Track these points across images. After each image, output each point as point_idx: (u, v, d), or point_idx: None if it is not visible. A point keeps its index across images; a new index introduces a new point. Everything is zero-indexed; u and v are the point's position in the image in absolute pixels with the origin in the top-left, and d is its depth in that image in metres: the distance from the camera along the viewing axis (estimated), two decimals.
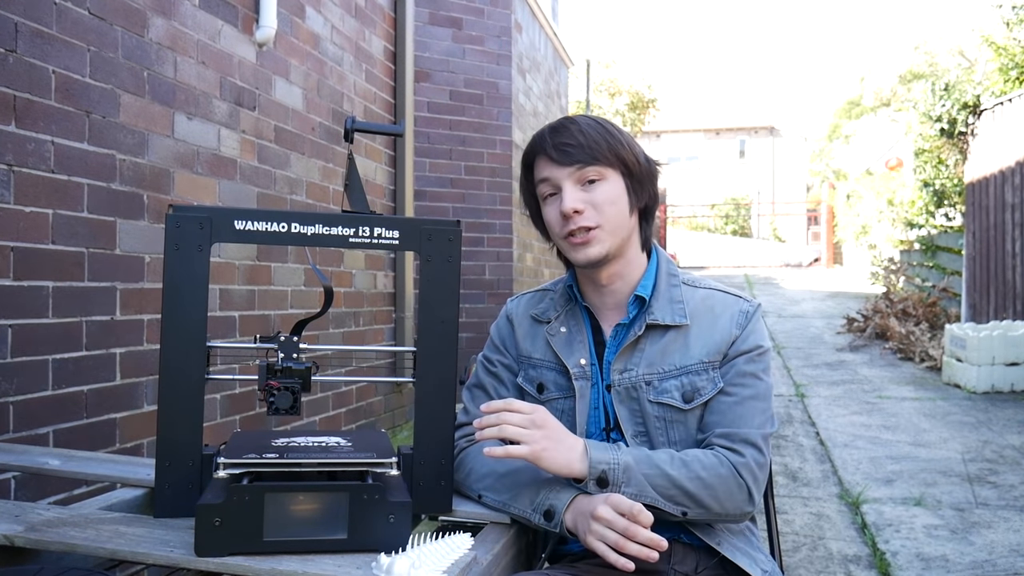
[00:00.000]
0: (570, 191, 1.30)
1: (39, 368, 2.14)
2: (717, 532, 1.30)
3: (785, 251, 20.70)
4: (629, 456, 1.22)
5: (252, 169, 3.16)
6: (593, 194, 1.31)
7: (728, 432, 1.29)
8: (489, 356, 1.48)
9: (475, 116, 5.62)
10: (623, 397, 1.34)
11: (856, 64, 48.92)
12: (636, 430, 1.33)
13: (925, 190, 9.47)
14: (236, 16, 3.06)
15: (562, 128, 1.33)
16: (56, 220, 2.19)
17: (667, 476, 1.23)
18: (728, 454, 1.27)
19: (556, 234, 1.35)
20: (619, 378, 1.34)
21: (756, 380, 1.33)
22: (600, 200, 1.31)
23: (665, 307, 1.35)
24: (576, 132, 1.31)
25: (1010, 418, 4.87)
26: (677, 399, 1.32)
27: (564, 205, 1.30)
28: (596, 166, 1.31)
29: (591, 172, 1.31)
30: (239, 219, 1.16)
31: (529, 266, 6.27)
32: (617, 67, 18.44)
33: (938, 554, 2.86)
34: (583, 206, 1.30)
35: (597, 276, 1.38)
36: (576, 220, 1.30)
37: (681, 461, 1.25)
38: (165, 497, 1.16)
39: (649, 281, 1.38)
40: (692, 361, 1.33)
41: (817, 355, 7.16)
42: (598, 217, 1.31)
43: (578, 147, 1.30)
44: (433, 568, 1.01)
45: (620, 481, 1.20)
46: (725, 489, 1.24)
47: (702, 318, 1.35)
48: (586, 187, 1.31)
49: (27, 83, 2.09)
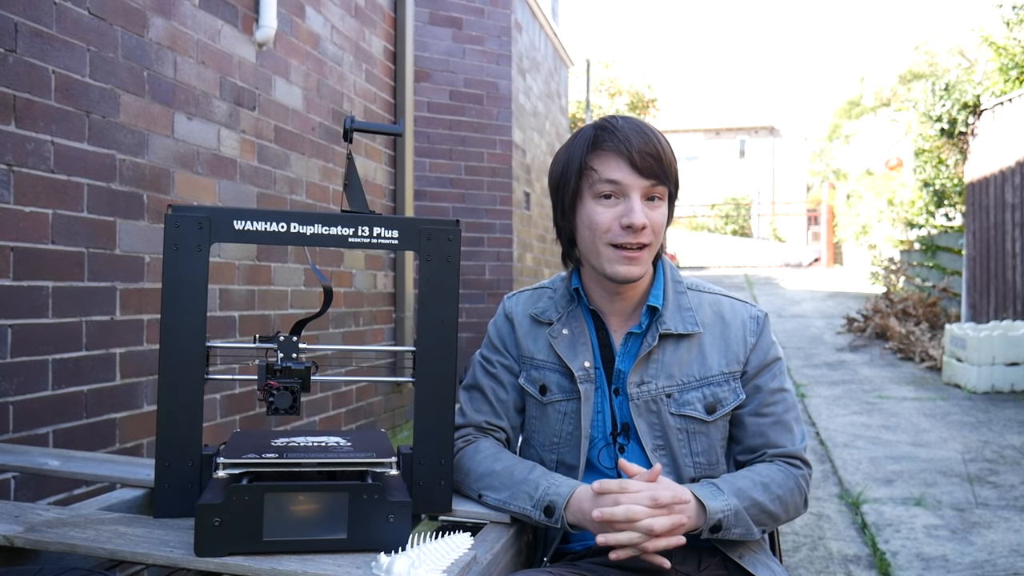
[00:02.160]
0: (639, 204, 1.27)
1: (39, 368, 2.14)
2: (738, 544, 1.30)
3: (785, 251, 20.69)
4: (734, 498, 1.24)
5: (252, 169, 3.16)
6: (654, 213, 1.29)
7: (780, 452, 1.34)
8: (488, 356, 1.45)
9: (475, 116, 5.62)
10: (642, 410, 1.33)
11: (856, 64, 48.88)
12: (656, 443, 1.33)
13: (925, 190, 9.47)
14: (236, 16, 3.06)
15: (645, 135, 1.28)
16: (56, 220, 2.19)
17: (758, 505, 1.26)
18: (790, 468, 1.33)
19: (601, 238, 1.29)
20: (637, 391, 1.33)
21: (785, 393, 1.37)
22: (659, 221, 1.30)
23: (676, 316, 1.35)
24: (658, 146, 1.28)
25: (1010, 418, 4.87)
26: (700, 411, 1.32)
27: (635, 218, 1.25)
28: (664, 186, 1.29)
29: (659, 191, 1.29)
30: (239, 219, 1.16)
31: (529, 266, 6.27)
32: (617, 67, 18.44)
33: (938, 554, 2.85)
34: (648, 223, 1.28)
35: (618, 286, 1.35)
36: (639, 235, 1.27)
37: (763, 485, 1.28)
38: (165, 497, 1.16)
39: (659, 290, 1.36)
40: (712, 372, 1.33)
41: (817, 355, 7.16)
42: (653, 237, 1.30)
43: (659, 162, 1.27)
44: (433, 568, 1.01)
45: (731, 525, 1.22)
46: (793, 501, 1.31)
47: (713, 326, 1.36)
48: (647, 203, 1.29)
49: (27, 83, 2.09)
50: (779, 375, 1.37)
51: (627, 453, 1.35)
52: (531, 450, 1.41)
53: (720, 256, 19.12)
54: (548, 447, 1.38)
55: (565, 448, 1.36)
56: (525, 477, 1.27)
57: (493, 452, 1.34)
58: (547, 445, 1.38)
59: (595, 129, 1.31)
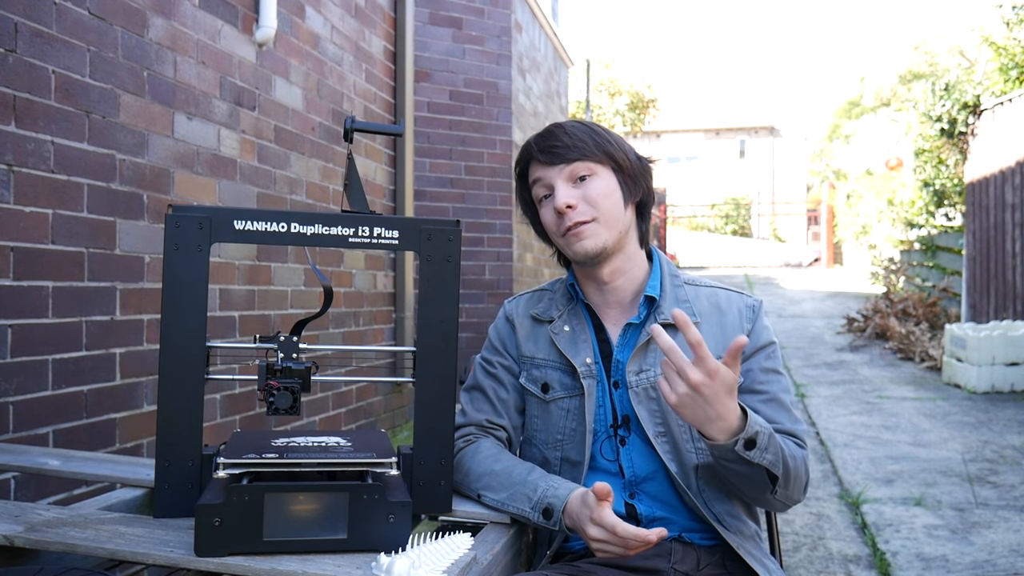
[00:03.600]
0: (562, 188, 1.33)
1: (39, 368, 2.14)
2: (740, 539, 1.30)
3: (785, 251, 20.69)
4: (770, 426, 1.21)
5: (252, 169, 3.16)
6: (585, 189, 1.34)
7: (778, 429, 1.31)
8: (488, 358, 1.47)
9: (475, 116, 5.62)
10: (641, 398, 1.33)
11: (856, 64, 48.91)
12: (657, 430, 1.33)
13: (925, 190, 9.47)
14: (236, 16, 3.06)
15: (548, 132, 1.37)
16: (56, 220, 2.19)
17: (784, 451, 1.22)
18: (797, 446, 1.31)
19: (554, 233, 1.37)
20: (636, 379, 1.34)
21: (779, 375, 1.37)
22: (592, 194, 1.33)
23: (673, 306, 1.36)
24: (561, 134, 1.35)
25: (1010, 418, 4.87)
26: None
27: (557, 201, 1.33)
28: (585, 162, 1.34)
29: (581, 168, 1.34)
30: (239, 219, 1.16)
31: (529, 266, 6.27)
32: (617, 67, 18.44)
33: (938, 554, 2.85)
34: (576, 201, 1.33)
35: (598, 273, 1.38)
36: (570, 215, 1.33)
37: (782, 439, 1.26)
38: (165, 497, 1.16)
39: (656, 281, 1.38)
40: None
41: (817, 355, 7.16)
42: (592, 211, 1.33)
43: (564, 147, 1.34)
44: (433, 568, 1.01)
45: (766, 446, 1.17)
46: (801, 470, 1.28)
47: (710, 316, 1.37)
48: (577, 184, 1.34)
49: (27, 83, 2.09)
50: (772, 357, 1.37)
51: (628, 445, 1.35)
52: (534, 449, 1.42)
53: (720, 256, 19.12)
54: (552, 444, 1.38)
55: (569, 444, 1.37)
56: (524, 478, 1.27)
57: (493, 452, 1.35)
58: (550, 443, 1.38)
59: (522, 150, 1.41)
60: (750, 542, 1.33)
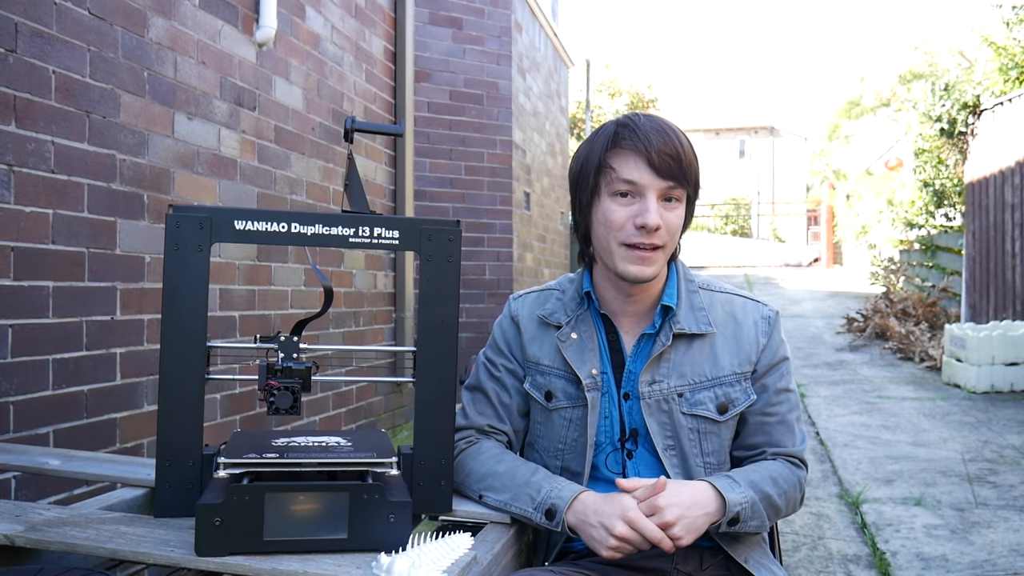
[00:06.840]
0: (654, 204, 1.25)
1: (39, 368, 2.14)
2: (743, 547, 1.30)
3: (785, 251, 20.67)
4: (750, 490, 1.24)
5: (252, 169, 3.16)
6: (670, 215, 1.27)
7: (782, 452, 1.35)
8: (492, 358, 1.43)
9: (475, 116, 5.62)
10: (653, 409, 1.32)
11: (856, 64, 48.93)
12: (666, 443, 1.32)
13: (925, 190, 9.47)
14: (236, 16, 3.06)
15: (666, 134, 1.26)
16: (56, 220, 2.19)
17: (769, 499, 1.27)
18: (792, 467, 1.35)
19: (614, 236, 1.28)
20: (648, 390, 1.31)
21: (790, 394, 1.38)
22: (675, 223, 1.28)
23: (689, 315, 1.34)
24: (679, 146, 1.25)
25: (1010, 418, 4.87)
26: (712, 411, 1.32)
27: (649, 218, 1.24)
28: (683, 188, 1.28)
29: (677, 192, 1.27)
30: (239, 219, 1.16)
31: (529, 266, 6.27)
32: (617, 67, 18.46)
33: (938, 554, 2.86)
34: (662, 224, 1.26)
35: (631, 288, 1.33)
36: (652, 236, 1.26)
37: (772, 480, 1.29)
38: (165, 497, 1.16)
39: (673, 289, 1.35)
40: (724, 372, 1.33)
41: (817, 355, 7.16)
42: (667, 238, 1.28)
43: (678, 164, 1.25)
44: (433, 568, 1.01)
45: (748, 517, 1.23)
46: (794, 499, 1.34)
47: (726, 325, 1.35)
48: (663, 204, 1.27)
49: (27, 83, 2.09)
50: (786, 375, 1.37)
51: (635, 459, 1.34)
52: (535, 455, 1.40)
53: (720, 256, 19.10)
54: (552, 453, 1.37)
55: (570, 455, 1.35)
56: (528, 479, 1.27)
57: (496, 453, 1.34)
58: (551, 451, 1.37)
59: (616, 126, 1.29)
60: (756, 549, 1.32)
